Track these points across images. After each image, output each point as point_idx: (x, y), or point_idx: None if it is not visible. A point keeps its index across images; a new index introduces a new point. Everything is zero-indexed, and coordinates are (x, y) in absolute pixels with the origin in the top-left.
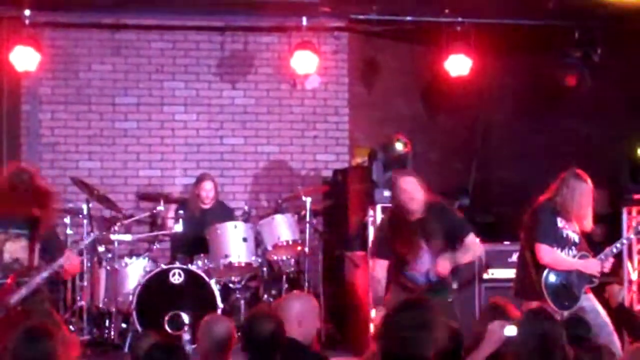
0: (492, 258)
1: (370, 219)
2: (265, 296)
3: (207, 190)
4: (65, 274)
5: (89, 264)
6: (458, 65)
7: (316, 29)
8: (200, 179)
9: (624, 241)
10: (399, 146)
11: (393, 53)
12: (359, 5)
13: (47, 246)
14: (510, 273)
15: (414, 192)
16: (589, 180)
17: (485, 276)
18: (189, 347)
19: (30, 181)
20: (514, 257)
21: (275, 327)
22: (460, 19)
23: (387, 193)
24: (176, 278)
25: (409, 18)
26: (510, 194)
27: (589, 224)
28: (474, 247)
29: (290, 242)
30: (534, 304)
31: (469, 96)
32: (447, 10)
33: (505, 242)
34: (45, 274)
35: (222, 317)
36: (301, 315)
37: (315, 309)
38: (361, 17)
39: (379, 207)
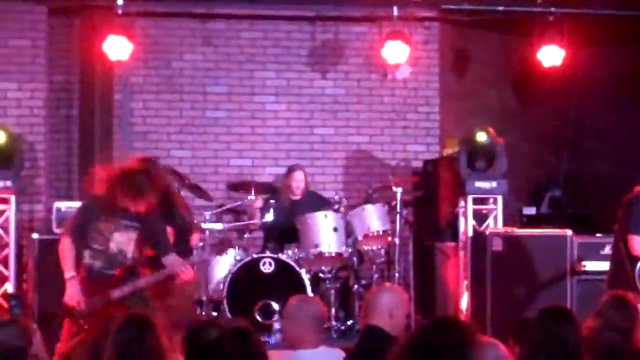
0: (585, 251)
1: (462, 210)
2: (356, 286)
3: (298, 181)
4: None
5: None
6: (551, 56)
7: (407, 18)
8: (291, 170)
9: None
10: (481, 137)
11: (484, 43)
12: None
13: (157, 243)
14: (603, 266)
15: None
16: None
17: (577, 269)
18: (279, 337)
19: (148, 174)
20: (607, 250)
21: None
22: (553, 10)
23: (479, 184)
24: (267, 267)
25: (500, 8)
26: (603, 186)
27: None
28: None
29: (381, 233)
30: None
31: (561, 87)
32: (539, 0)
33: (598, 235)
34: (151, 280)
35: (312, 297)
36: (393, 307)
37: (406, 302)
38: (452, 7)
39: (470, 198)
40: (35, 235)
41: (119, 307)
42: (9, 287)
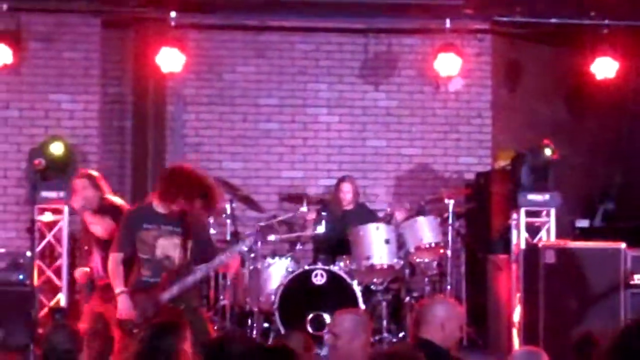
0: (638, 264)
1: (514, 222)
2: (407, 298)
3: (346, 191)
4: (224, 269)
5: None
6: (604, 68)
7: (459, 31)
8: (339, 181)
9: None
10: (547, 152)
11: (536, 55)
12: (503, 7)
13: (200, 246)
14: None
15: None
16: None
17: (631, 282)
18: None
19: (187, 180)
20: None
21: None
22: (606, 22)
23: (531, 196)
24: (318, 279)
25: (553, 20)
26: None
27: None
28: None
29: (433, 245)
30: None
31: (614, 99)
32: (592, 13)
33: None
34: (198, 276)
35: (362, 310)
36: (445, 319)
37: (459, 315)
38: (504, 19)
39: (522, 211)
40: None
41: (170, 310)
42: (62, 298)
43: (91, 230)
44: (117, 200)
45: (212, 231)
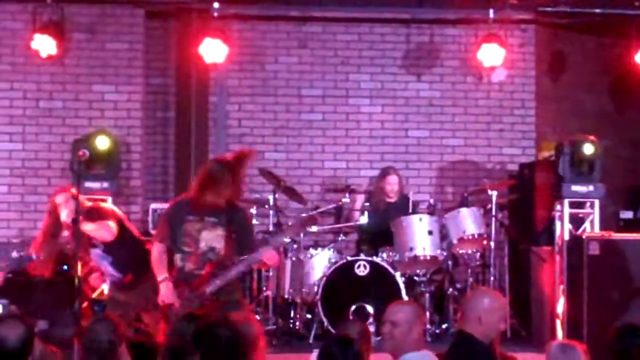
0: None
1: (557, 214)
2: (450, 290)
3: (392, 184)
4: (264, 265)
5: None
6: None
7: (503, 21)
8: (384, 173)
9: None
10: (588, 148)
11: (581, 45)
12: None
13: (242, 238)
14: None
15: None
16: None
17: None
18: (373, 340)
19: (226, 172)
20: None
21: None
22: None
23: (575, 188)
24: (361, 270)
25: (597, 10)
26: None
27: None
28: None
29: (476, 236)
30: None
31: None
32: (637, 3)
33: None
34: (241, 267)
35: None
36: (483, 313)
37: (501, 308)
38: (549, 9)
39: (566, 202)
40: None
41: (213, 303)
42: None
43: (97, 238)
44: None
45: (255, 222)
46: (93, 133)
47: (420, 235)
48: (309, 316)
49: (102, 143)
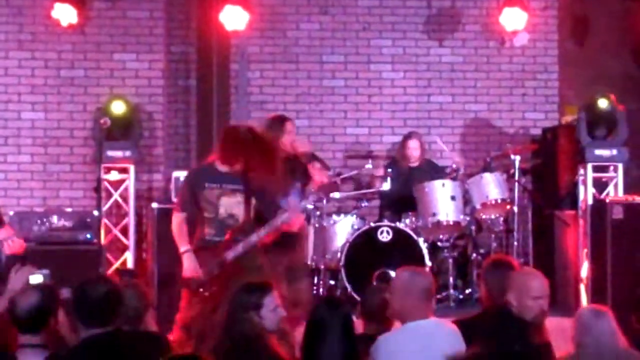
0: None
1: (581, 178)
2: (474, 255)
3: (413, 148)
4: (287, 228)
5: None
6: None
7: None
8: (406, 138)
9: None
10: (602, 104)
11: (603, 9)
12: None
13: (263, 204)
14: None
15: None
16: None
17: None
18: None
19: (247, 138)
20: None
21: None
22: None
23: (598, 151)
24: (384, 236)
25: None
26: None
27: None
28: None
29: (499, 201)
30: None
31: None
32: None
33: None
34: (262, 233)
35: (421, 268)
36: (519, 290)
37: (538, 287)
38: None
39: (589, 166)
40: (154, 204)
41: (234, 268)
42: (129, 256)
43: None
44: None
45: None
46: (112, 99)
47: (443, 201)
48: (332, 282)
49: (121, 108)
